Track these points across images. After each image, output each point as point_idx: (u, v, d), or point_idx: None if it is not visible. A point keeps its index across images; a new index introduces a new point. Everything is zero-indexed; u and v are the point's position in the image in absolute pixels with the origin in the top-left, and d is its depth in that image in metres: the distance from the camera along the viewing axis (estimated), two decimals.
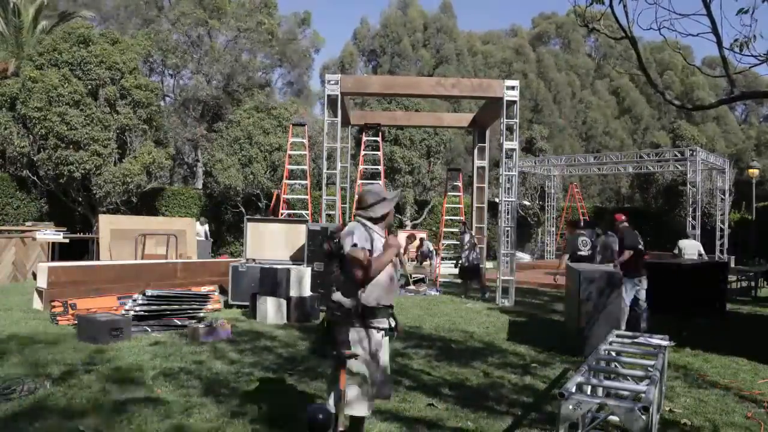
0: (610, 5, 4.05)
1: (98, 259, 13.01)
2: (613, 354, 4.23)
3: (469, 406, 4.64)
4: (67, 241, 13.00)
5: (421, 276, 13.89)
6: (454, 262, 14.97)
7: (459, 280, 13.09)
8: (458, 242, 13.30)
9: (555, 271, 9.14)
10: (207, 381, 5.15)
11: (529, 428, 4.22)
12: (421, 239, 15.83)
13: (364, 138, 15.62)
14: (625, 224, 8.45)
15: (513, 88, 11.38)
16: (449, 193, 15.90)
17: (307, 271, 8.94)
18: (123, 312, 7.42)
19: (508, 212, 11.77)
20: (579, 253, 8.62)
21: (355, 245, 3.16)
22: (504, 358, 6.46)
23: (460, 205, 16.13)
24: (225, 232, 22.21)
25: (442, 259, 17.27)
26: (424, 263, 15.38)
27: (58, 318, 7.62)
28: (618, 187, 36.30)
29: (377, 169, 15.54)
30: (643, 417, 2.72)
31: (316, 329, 3.93)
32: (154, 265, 10.87)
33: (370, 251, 3.21)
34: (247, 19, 27.71)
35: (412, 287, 12.74)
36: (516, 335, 7.77)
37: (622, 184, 35.56)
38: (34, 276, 10.24)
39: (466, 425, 4.23)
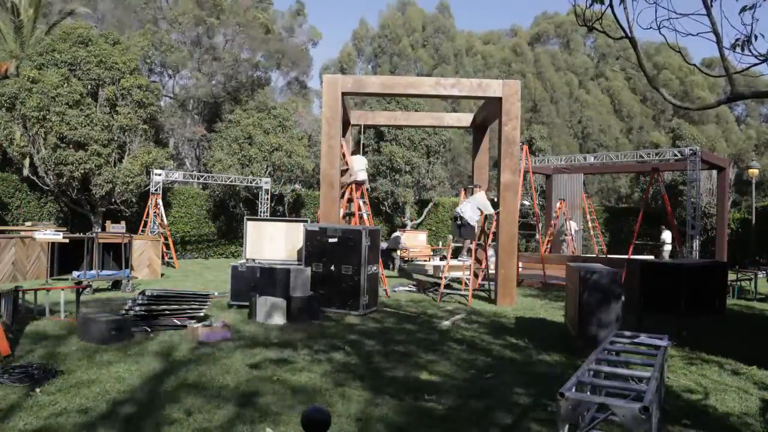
0: (610, 5, 4.05)
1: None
2: (614, 354, 4.23)
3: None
4: (66, 241, 12.99)
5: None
6: None
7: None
8: None
9: None
10: (205, 382, 5.16)
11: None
12: None
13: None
14: None
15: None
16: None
17: (306, 271, 8.93)
18: (123, 312, 7.42)
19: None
20: None
21: None
22: (502, 358, 6.46)
23: None
24: (225, 233, 22.20)
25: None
26: None
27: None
28: (617, 186, 36.30)
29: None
30: (644, 417, 2.72)
31: None
32: None
33: None
34: (243, 15, 27.70)
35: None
36: (517, 334, 7.77)
37: (621, 183, 35.55)
38: None
39: None
